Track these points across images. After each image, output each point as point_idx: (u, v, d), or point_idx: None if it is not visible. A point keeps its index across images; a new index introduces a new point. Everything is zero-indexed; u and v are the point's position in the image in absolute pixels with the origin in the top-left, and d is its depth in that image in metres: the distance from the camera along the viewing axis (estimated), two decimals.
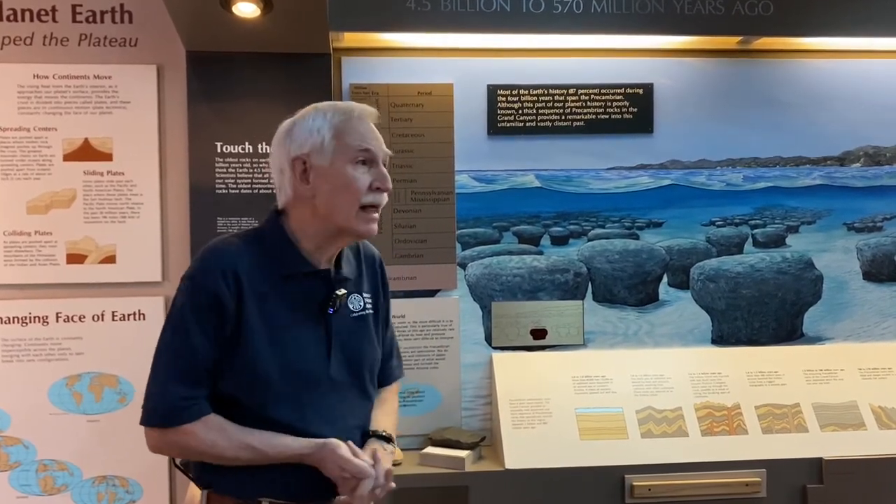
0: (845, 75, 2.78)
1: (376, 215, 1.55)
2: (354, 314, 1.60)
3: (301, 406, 1.49)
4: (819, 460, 2.42)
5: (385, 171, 1.56)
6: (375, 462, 1.51)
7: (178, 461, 1.57)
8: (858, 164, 2.82)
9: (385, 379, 1.74)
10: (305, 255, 1.53)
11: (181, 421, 1.44)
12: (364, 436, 1.60)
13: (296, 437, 1.47)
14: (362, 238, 1.60)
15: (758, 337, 2.76)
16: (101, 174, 2.51)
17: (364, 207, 1.52)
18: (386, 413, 1.69)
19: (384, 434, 1.61)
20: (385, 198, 1.56)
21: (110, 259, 2.51)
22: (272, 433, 1.46)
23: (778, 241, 2.79)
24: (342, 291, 1.55)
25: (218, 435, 1.45)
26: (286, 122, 1.57)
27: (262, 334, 1.46)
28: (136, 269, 2.51)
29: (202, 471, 1.52)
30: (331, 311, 1.53)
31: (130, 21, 2.52)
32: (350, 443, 1.50)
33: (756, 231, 2.79)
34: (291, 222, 1.54)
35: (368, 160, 1.53)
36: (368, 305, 1.64)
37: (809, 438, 2.49)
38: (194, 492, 1.56)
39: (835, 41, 2.68)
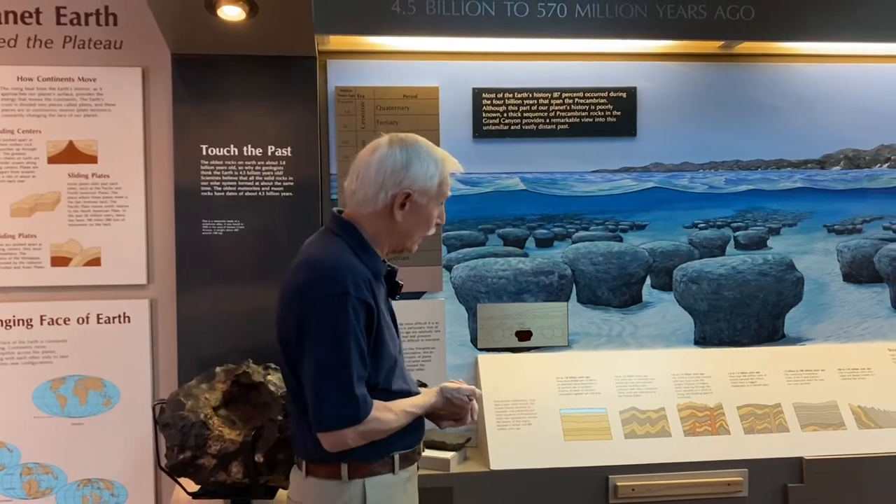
0: (826, 79, 2.82)
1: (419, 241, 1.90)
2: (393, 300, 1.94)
3: (404, 376, 1.85)
4: (800, 460, 2.45)
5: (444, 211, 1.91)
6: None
7: (164, 464, 1.60)
8: (838, 167, 2.86)
9: None
10: (382, 258, 1.84)
11: (369, 413, 1.69)
12: None
13: (420, 396, 1.85)
14: (405, 253, 1.93)
15: (740, 338, 2.79)
16: (86, 177, 2.50)
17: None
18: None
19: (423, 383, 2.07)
20: (434, 229, 1.92)
21: (95, 262, 2.50)
22: (406, 399, 1.80)
23: (759, 244, 2.83)
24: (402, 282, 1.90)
25: (388, 413, 1.73)
26: (401, 153, 1.79)
27: (385, 328, 1.77)
28: (122, 272, 2.51)
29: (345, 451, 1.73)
30: (397, 298, 1.90)
31: (115, 23, 2.51)
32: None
33: (738, 233, 2.82)
34: (367, 230, 1.79)
35: (443, 202, 1.88)
36: None
37: (790, 438, 2.53)
38: (179, 495, 1.58)
39: (815, 46, 2.72)
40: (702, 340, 2.78)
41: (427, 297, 2.66)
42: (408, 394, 1.84)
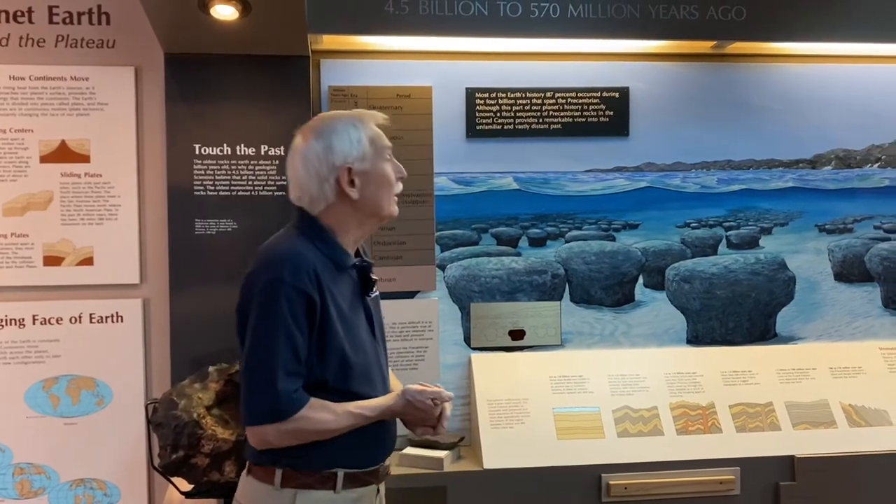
0: (817, 80, 2.83)
1: (395, 198, 1.80)
2: (374, 294, 1.83)
3: (368, 379, 1.73)
4: (791, 458, 2.46)
5: (398, 162, 1.80)
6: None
7: (156, 463, 1.60)
8: (830, 167, 2.88)
9: None
10: (346, 249, 1.74)
11: (294, 410, 1.59)
12: None
13: (378, 398, 1.71)
14: (391, 219, 1.83)
15: (732, 337, 2.81)
16: (79, 176, 2.50)
17: (395, 196, 1.79)
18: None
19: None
20: (401, 185, 1.81)
21: (88, 261, 2.50)
22: (359, 401, 1.68)
23: (751, 243, 2.84)
24: (374, 276, 1.80)
25: (324, 412, 1.62)
26: (316, 140, 1.72)
27: (338, 323, 1.66)
28: (114, 272, 2.51)
29: (279, 455, 1.65)
30: (371, 294, 1.79)
31: (108, 22, 2.51)
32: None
33: (730, 233, 2.83)
34: (329, 222, 1.72)
35: (391, 155, 1.79)
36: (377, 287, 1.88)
37: (782, 437, 2.54)
38: (172, 495, 1.58)
39: (807, 46, 2.73)
40: (694, 339, 2.79)
41: (420, 296, 2.66)
42: (366, 398, 1.71)
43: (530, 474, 2.38)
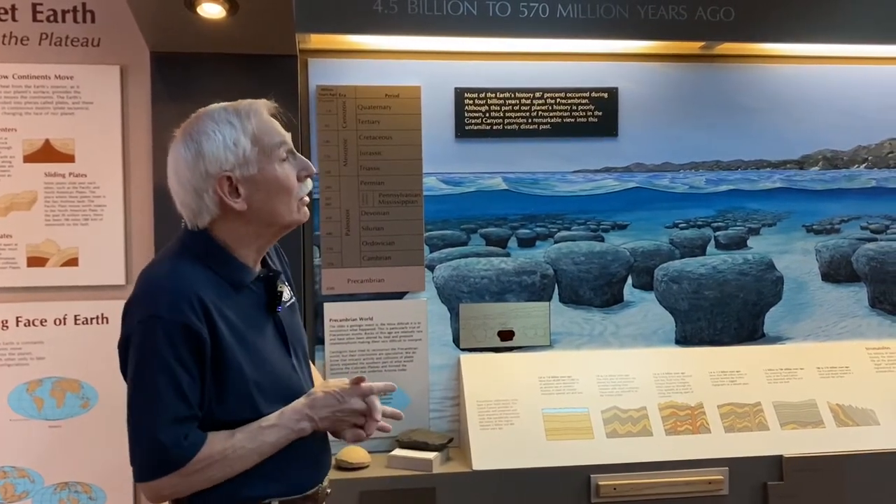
0: (804, 80, 2.85)
1: (307, 199, 1.55)
2: (287, 304, 1.60)
3: (285, 402, 1.50)
4: (779, 458, 2.47)
5: (302, 156, 1.54)
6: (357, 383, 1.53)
7: None
8: (817, 168, 2.89)
9: None
10: (245, 263, 1.51)
11: (187, 458, 1.37)
12: None
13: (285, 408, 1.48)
14: (299, 225, 1.57)
15: (720, 337, 2.81)
16: (63, 176, 2.47)
17: (300, 199, 1.53)
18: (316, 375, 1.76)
19: None
20: (311, 182, 1.56)
21: (73, 262, 2.47)
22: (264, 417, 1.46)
23: (739, 243, 2.85)
24: (282, 288, 1.55)
25: (227, 440, 1.41)
26: (185, 146, 1.48)
27: (238, 353, 1.43)
28: (100, 272, 2.48)
29: (205, 491, 1.44)
30: (280, 308, 1.54)
31: (93, 21, 2.48)
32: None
33: (718, 233, 2.84)
34: (222, 236, 1.49)
35: (288, 153, 1.51)
36: (291, 292, 1.65)
37: (770, 436, 2.54)
38: None
39: (795, 47, 2.74)
40: (682, 340, 2.79)
41: (409, 297, 2.65)
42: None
43: (519, 475, 2.37)
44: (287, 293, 1.60)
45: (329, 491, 1.60)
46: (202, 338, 1.38)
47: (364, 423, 1.52)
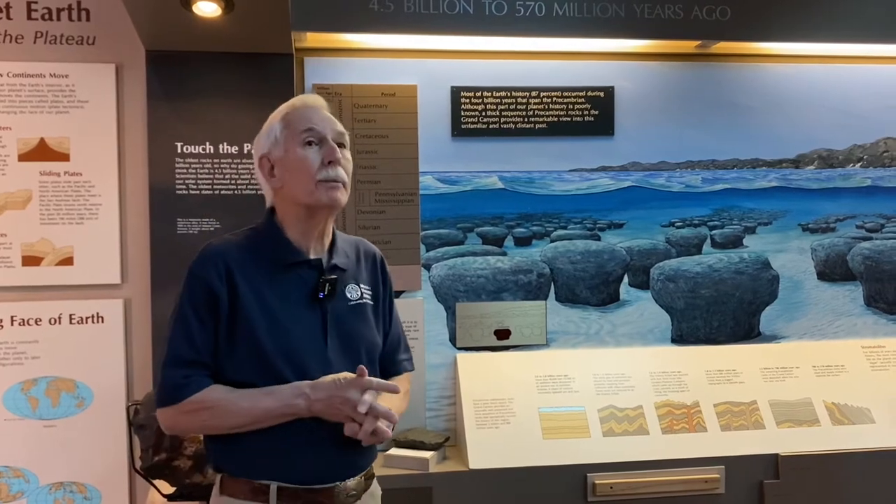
0: (800, 80, 2.85)
1: (337, 184, 1.59)
2: (352, 302, 1.66)
3: (297, 369, 1.56)
4: (775, 456, 2.47)
5: (335, 146, 1.60)
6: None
7: (138, 466, 1.57)
8: (812, 167, 2.89)
9: (395, 371, 1.78)
10: (296, 245, 1.62)
11: (182, 396, 1.52)
12: None
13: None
14: (332, 208, 1.62)
15: (716, 336, 2.82)
16: (58, 174, 2.46)
17: (321, 182, 1.58)
18: (391, 397, 1.66)
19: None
20: (341, 171, 1.61)
21: (68, 261, 2.46)
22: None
23: (735, 242, 2.85)
24: (332, 277, 1.62)
25: (225, 393, 1.52)
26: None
27: (260, 321, 1.54)
28: (95, 271, 2.47)
29: (217, 457, 1.59)
30: (321, 295, 1.60)
31: (88, 19, 2.48)
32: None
33: (714, 232, 2.84)
34: (280, 216, 1.64)
35: (316, 139, 1.60)
36: (367, 295, 1.70)
37: (766, 435, 2.55)
38: (154, 497, 1.55)
39: (790, 46, 2.75)
40: (679, 338, 2.80)
41: (406, 295, 2.65)
42: None
43: (516, 474, 2.37)
44: (356, 293, 1.67)
45: (354, 492, 1.60)
46: (217, 295, 1.54)
47: (359, 418, 1.52)
